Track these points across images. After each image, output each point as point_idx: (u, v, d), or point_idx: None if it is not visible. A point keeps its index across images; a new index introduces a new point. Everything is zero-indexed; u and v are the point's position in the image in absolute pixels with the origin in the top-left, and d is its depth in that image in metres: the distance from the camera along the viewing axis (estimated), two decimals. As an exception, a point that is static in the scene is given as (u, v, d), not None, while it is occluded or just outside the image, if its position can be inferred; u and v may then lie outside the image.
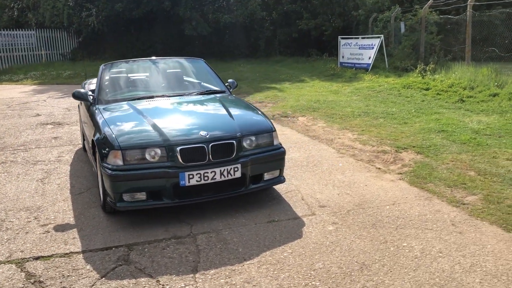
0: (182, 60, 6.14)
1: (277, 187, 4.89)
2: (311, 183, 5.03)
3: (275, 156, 4.41)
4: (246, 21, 21.53)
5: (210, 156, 4.04)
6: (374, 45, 15.30)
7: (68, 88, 14.33)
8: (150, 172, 3.93)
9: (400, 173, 5.26)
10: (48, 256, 3.57)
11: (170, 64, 6.02)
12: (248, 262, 3.37)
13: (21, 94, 13.54)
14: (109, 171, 3.92)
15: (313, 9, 21.54)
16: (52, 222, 4.22)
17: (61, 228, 4.09)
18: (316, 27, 21.22)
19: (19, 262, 3.49)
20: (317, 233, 3.81)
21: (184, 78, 5.84)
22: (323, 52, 20.62)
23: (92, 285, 3.13)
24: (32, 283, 3.19)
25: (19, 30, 20.95)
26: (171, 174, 3.92)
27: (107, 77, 5.47)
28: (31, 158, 6.43)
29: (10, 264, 3.46)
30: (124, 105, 4.87)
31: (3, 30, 20.34)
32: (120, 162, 3.93)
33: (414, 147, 6.24)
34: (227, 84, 5.81)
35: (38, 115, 9.91)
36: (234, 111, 4.73)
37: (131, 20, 21.93)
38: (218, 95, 5.40)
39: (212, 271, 3.26)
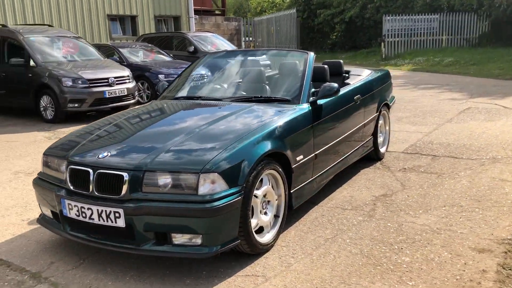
0: (283, 53, 4.59)
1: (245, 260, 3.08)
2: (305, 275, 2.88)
3: (188, 211, 2.77)
4: None
5: (94, 186, 2.97)
6: None
7: (434, 77, 13.45)
8: (46, 187, 3.29)
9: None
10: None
11: (261, 59, 4.59)
12: None
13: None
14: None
15: None
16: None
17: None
18: None
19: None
20: None
21: (260, 79, 4.31)
22: None
23: None
24: None
25: (420, 15, 20.55)
26: (56, 197, 3.15)
27: (188, 70, 4.76)
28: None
29: None
30: (151, 105, 4.16)
31: (405, 15, 20.49)
32: (40, 168, 3.48)
33: None
34: (315, 90, 3.96)
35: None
36: (204, 132, 3.26)
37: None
38: (269, 105, 3.80)
39: None
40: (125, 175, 2.88)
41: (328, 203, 4.11)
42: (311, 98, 3.87)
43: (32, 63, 8.88)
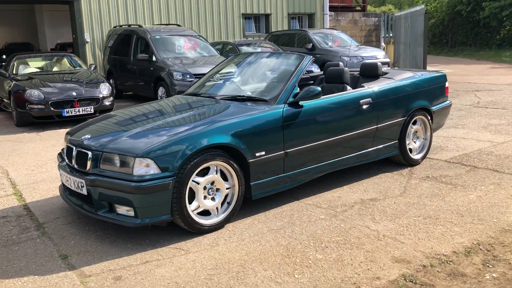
0: (284, 56, 4.80)
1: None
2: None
3: (124, 187, 3.36)
4: None
5: (74, 161, 3.78)
6: None
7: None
8: (59, 159, 4.21)
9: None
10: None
11: (258, 62, 4.92)
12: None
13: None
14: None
15: None
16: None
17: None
18: None
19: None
20: None
21: (252, 80, 4.60)
22: None
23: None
24: None
25: None
26: (58, 167, 4.05)
27: (213, 68, 5.31)
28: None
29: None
30: (162, 100, 4.87)
31: None
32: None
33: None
34: (297, 92, 4.16)
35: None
36: (165, 123, 3.84)
37: None
38: (245, 104, 4.16)
39: None
40: (90, 154, 3.60)
41: (309, 200, 4.30)
42: (290, 100, 4.10)
43: (154, 58, 10.33)
